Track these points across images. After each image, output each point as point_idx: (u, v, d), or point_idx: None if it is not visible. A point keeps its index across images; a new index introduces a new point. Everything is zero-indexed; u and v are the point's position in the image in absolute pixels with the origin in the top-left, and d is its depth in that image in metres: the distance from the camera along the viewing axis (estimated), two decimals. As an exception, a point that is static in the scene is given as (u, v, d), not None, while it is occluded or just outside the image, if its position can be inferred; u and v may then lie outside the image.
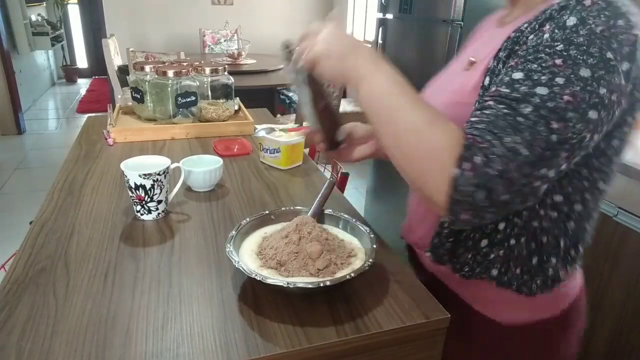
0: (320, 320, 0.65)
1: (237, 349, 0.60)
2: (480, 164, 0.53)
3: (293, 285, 0.65)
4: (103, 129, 1.48)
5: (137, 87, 1.49)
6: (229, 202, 1.02)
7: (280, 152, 1.20)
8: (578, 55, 0.54)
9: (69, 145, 1.40)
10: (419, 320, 0.67)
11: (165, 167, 0.92)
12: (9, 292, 0.70)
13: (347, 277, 0.65)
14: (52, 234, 0.86)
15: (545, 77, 0.55)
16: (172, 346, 0.60)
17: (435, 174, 0.56)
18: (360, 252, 0.75)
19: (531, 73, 0.56)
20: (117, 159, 1.24)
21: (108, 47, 3.48)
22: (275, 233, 0.78)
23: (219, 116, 1.52)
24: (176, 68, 1.47)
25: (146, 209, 0.92)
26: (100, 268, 0.76)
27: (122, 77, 3.48)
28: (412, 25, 2.21)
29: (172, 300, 0.69)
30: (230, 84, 1.60)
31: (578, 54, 0.54)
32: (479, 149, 0.54)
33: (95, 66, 7.30)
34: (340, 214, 0.85)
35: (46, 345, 0.59)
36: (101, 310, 0.66)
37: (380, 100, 0.62)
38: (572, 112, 0.53)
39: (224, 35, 4.65)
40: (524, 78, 0.56)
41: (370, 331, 0.64)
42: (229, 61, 3.67)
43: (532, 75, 0.56)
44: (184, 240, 0.86)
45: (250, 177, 1.17)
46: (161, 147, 1.37)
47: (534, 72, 0.56)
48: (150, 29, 5.25)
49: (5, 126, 4.48)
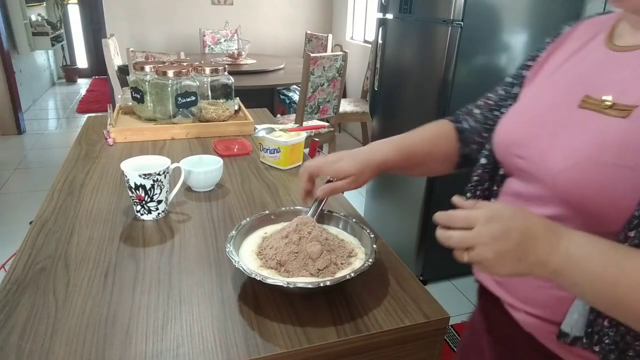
0: (320, 320, 0.65)
1: (237, 349, 0.60)
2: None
3: (293, 285, 0.65)
4: (103, 129, 1.48)
5: (137, 87, 1.49)
6: (229, 202, 1.02)
7: (280, 152, 1.20)
8: None
9: (69, 145, 1.40)
10: (419, 320, 0.67)
11: (165, 167, 0.92)
12: (9, 292, 0.70)
13: (347, 277, 0.65)
14: (52, 234, 0.86)
15: None
16: (172, 346, 0.60)
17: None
18: (361, 252, 0.76)
19: None
20: (117, 159, 1.24)
21: (108, 47, 3.48)
22: (275, 233, 0.78)
23: (219, 116, 1.52)
24: (176, 68, 1.47)
25: (146, 209, 0.92)
26: (100, 268, 0.77)
27: (122, 77, 3.49)
28: (412, 25, 2.21)
29: (172, 300, 0.69)
30: (230, 84, 1.60)
31: None
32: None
33: (95, 66, 7.31)
34: (340, 214, 0.85)
35: (46, 345, 0.59)
36: (101, 310, 0.66)
37: (598, 290, 0.51)
38: None
39: (224, 35, 4.65)
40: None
41: (370, 331, 0.64)
42: (229, 61, 3.68)
43: None
44: (184, 240, 0.86)
45: (250, 177, 1.17)
46: (161, 147, 1.37)
47: None
48: (150, 29, 5.25)
49: (5, 126, 4.48)
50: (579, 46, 0.70)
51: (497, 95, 0.85)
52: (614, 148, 0.55)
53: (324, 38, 4.35)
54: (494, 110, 0.84)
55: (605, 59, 0.64)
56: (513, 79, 0.82)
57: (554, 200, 0.63)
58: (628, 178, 0.53)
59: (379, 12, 2.46)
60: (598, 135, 0.57)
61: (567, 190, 0.59)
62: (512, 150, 0.70)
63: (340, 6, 5.50)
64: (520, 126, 0.69)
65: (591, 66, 0.65)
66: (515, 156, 0.69)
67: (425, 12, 2.10)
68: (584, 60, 0.67)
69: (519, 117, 0.71)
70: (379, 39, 2.47)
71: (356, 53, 4.84)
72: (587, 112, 0.60)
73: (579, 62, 0.68)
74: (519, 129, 0.69)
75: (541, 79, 0.74)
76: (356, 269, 0.68)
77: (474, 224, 0.52)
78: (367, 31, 4.95)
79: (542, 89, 0.72)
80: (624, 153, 0.54)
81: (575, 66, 0.68)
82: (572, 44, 0.72)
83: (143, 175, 0.88)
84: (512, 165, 0.71)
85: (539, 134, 0.65)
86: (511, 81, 0.83)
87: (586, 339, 0.59)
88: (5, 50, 4.40)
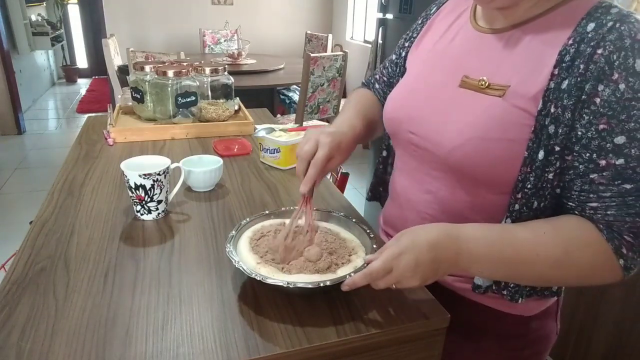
0: (320, 320, 0.65)
1: (237, 349, 0.60)
2: (634, 242, 0.60)
3: (293, 285, 0.65)
4: (103, 129, 1.48)
5: (137, 87, 1.49)
6: (229, 202, 1.02)
7: (280, 152, 1.20)
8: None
9: (69, 145, 1.40)
10: (419, 320, 0.67)
11: (165, 167, 0.92)
12: (9, 292, 0.70)
13: (347, 276, 0.65)
14: (52, 234, 0.86)
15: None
16: (172, 346, 0.60)
17: (606, 278, 0.62)
18: (361, 250, 0.75)
19: (633, 133, 0.57)
20: (117, 159, 1.24)
21: (108, 47, 3.48)
22: (271, 231, 0.78)
23: (219, 116, 1.52)
24: (176, 68, 1.47)
25: (146, 209, 0.92)
26: (100, 268, 0.76)
27: (122, 77, 3.49)
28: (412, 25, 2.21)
29: (172, 300, 0.69)
30: (230, 84, 1.60)
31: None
32: (625, 230, 0.60)
33: (95, 66, 7.30)
34: (340, 214, 0.84)
35: (46, 345, 0.59)
36: (101, 310, 0.66)
37: (499, 271, 0.64)
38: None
39: (224, 35, 4.65)
40: (628, 141, 0.57)
41: (370, 331, 0.64)
42: (229, 61, 3.68)
43: (636, 135, 0.57)
44: (184, 240, 0.86)
45: (250, 177, 1.17)
46: (161, 147, 1.37)
47: (636, 131, 0.57)
48: (150, 29, 5.25)
49: (5, 126, 4.48)
50: (448, 24, 0.80)
51: (387, 72, 0.95)
52: (497, 124, 0.65)
53: (324, 38, 4.35)
54: (388, 86, 0.93)
55: (474, 39, 0.73)
56: (396, 57, 0.92)
57: (447, 173, 0.72)
58: (510, 148, 0.64)
59: (379, 12, 2.46)
60: (482, 113, 0.66)
61: (461, 163, 0.68)
62: (405, 127, 0.78)
63: (340, 6, 5.50)
64: (410, 103, 0.78)
65: (464, 46, 0.75)
66: (408, 132, 0.77)
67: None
68: (455, 39, 0.77)
69: (408, 95, 0.80)
70: (379, 39, 2.47)
71: (356, 53, 4.85)
72: (468, 91, 0.70)
73: (451, 40, 0.77)
74: (409, 106, 0.78)
75: (421, 58, 0.84)
76: (356, 269, 0.68)
77: (390, 267, 0.60)
78: (367, 31, 4.96)
79: (423, 68, 0.80)
80: (505, 128, 0.64)
81: (450, 45, 0.77)
82: (442, 22, 0.82)
83: (143, 175, 0.88)
84: (405, 140, 0.79)
85: (429, 112, 0.74)
86: (395, 60, 0.93)
87: (495, 287, 0.73)
88: (5, 50, 4.40)
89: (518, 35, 0.68)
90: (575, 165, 0.62)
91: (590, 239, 0.61)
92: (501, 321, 0.78)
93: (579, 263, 0.61)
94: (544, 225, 0.64)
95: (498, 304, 0.77)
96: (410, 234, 0.62)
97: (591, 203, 0.61)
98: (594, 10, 0.62)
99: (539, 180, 0.64)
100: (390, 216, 0.90)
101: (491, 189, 0.70)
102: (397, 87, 0.85)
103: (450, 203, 0.75)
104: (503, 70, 0.67)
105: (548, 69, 0.62)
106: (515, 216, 0.67)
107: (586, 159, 0.60)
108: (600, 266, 0.61)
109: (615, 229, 0.60)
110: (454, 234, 0.62)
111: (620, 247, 0.60)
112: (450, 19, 0.81)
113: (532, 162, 0.63)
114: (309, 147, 0.74)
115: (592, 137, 0.59)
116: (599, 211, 0.60)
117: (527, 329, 0.79)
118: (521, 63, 0.66)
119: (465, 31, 0.76)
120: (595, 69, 0.58)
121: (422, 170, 0.78)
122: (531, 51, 0.65)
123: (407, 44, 0.90)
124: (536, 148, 0.63)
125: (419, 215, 0.80)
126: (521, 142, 0.64)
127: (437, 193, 0.76)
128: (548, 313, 0.81)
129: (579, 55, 0.59)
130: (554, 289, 0.77)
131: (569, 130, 0.61)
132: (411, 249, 0.60)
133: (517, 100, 0.64)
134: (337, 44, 5.14)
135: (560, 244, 0.61)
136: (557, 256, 0.61)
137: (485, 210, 0.72)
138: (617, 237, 0.60)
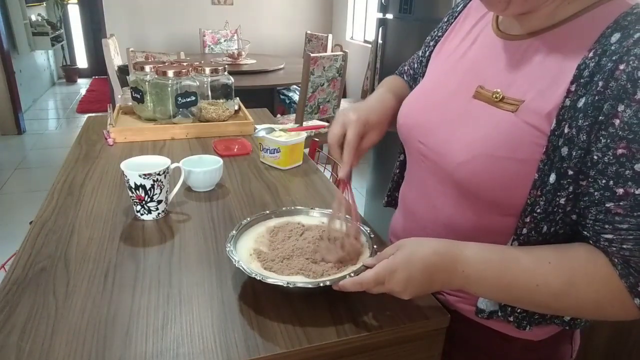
0: (320, 320, 0.65)
1: (237, 349, 0.60)
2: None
3: (293, 285, 0.65)
4: (103, 129, 1.48)
5: (137, 87, 1.49)
6: (229, 202, 1.02)
7: (280, 152, 1.20)
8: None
9: (69, 145, 1.40)
10: (419, 320, 0.67)
11: (165, 167, 0.92)
12: (9, 292, 0.70)
13: (347, 277, 0.65)
14: (52, 234, 0.86)
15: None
16: (172, 346, 0.60)
17: (617, 316, 0.57)
18: (366, 251, 0.75)
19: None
20: (117, 159, 1.24)
21: (108, 47, 3.48)
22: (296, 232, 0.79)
23: (219, 116, 1.52)
24: (176, 68, 1.47)
25: (146, 209, 0.92)
26: (100, 268, 0.76)
27: (122, 77, 3.49)
28: (412, 25, 2.21)
29: (172, 300, 0.69)
30: (230, 84, 1.60)
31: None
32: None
33: (95, 66, 7.30)
34: (340, 214, 0.84)
35: (46, 345, 0.59)
36: (101, 310, 0.66)
37: (496, 294, 0.62)
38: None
39: (224, 35, 4.65)
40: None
41: (370, 331, 0.64)
42: (229, 61, 3.67)
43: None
44: (184, 240, 0.86)
45: (250, 177, 1.17)
46: (161, 147, 1.37)
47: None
48: (150, 29, 5.25)
49: (5, 126, 4.48)
50: (471, 25, 0.75)
51: (414, 65, 0.92)
52: (506, 141, 0.60)
53: (324, 38, 4.35)
54: (414, 80, 0.91)
55: (493, 45, 0.68)
56: (421, 54, 0.88)
57: (453, 189, 0.68)
58: (518, 170, 0.59)
59: (379, 12, 2.46)
60: (492, 129, 0.62)
61: (467, 180, 0.64)
62: (414, 134, 0.75)
63: (340, 6, 5.50)
64: (422, 111, 0.74)
65: (482, 52, 0.70)
66: (417, 141, 0.74)
67: (425, 12, 2.10)
68: (475, 43, 0.72)
69: (422, 101, 0.76)
70: (379, 39, 2.47)
71: (356, 53, 4.85)
72: (481, 103, 0.65)
73: (472, 44, 0.73)
74: (420, 114, 0.74)
75: (440, 61, 0.79)
76: (356, 269, 0.68)
77: (383, 280, 0.60)
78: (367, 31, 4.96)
79: (441, 73, 0.76)
80: (515, 146, 0.59)
81: (469, 50, 0.73)
82: (466, 22, 0.77)
83: (143, 175, 0.88)
84: (415, 149, 0.76)
85: (438, 122, 0.70)
86: (420, 57, 0.88)
87: (501, 312, 0.68)
88: (5, 50, 4.40)
89: (537, 45, 0.62)
90: (590, 192, 0.56)
91: (598, 274, 0.56)
92: (508, 345, 0.73)
93: (581, 298, 0.56)
94: (551, 253, 0.58)
95: (505, 327, 0.72)
96: (407, 248, 0.61)
97: (606, 234, 0.55)
98: (622, 18, 0.55)
99: (550, 204, 0.58)
100: (397, 224, 0.88)
101: (498, 211, 0.65)
102: (413, 91, 0.81)
103: (454, 220, 0.70)
104: (519, 82, 0.62)
105: (565, 85, 0.56)
106: (522, 240, 0.62)
107: (602, 185, 0.54)
108: (607, 303, 0.56)
109: (632, 265, 0.54)
110: (451, 256, 0.60)
111: (636, 286, 0.54)
112: (474, 19, 0.76)
113: (542, 185, 0.58)
114: (336, 130, 0.72)
115: (609, 163, 0.53)
116: (614, 244, 0.54)
117: (537, 356, 0.73)
118: (538, 76, 0.60)
119: (485, 36, 0.71)
120: (616, 86, 0.51)
121: (429, 184, 0.74)
122: (549, 63, 0.60)
123: (432, 43, 0.84)
124: (547, 170, 0.57)
125: (423, 231, 0.76)
126: (532, 163, 0.58)
127: (442, 209, 0.72)
128: (561, 337, 0.74)
129: (598, 70, 0.53)
130: (565, 319, 0.69)
131: (584, 153, 0.55)
132: (404, 267, 0.59)
133: (530, 116, 0.59)
134: (337, 44, 5.14)
135: (562, 276, 0.56)
136: (558, 289, 0.56)
137: (491, 231, 0.66)
138: (634, 275, 0.54)
